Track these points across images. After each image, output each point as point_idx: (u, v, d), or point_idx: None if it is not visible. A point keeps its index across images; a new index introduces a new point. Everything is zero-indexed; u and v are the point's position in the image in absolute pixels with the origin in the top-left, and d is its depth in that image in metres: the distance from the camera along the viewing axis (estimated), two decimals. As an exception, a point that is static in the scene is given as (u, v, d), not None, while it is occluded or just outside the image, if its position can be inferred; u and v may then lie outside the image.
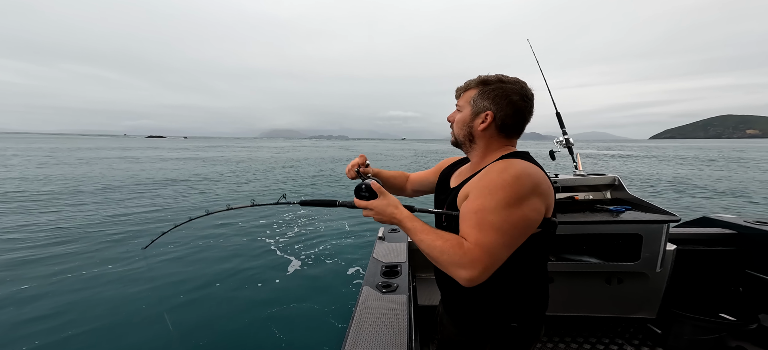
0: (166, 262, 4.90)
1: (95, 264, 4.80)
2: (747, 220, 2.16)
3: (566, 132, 2.49)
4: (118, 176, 14.39)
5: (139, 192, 10.61)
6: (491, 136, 0.99)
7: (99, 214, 7.66)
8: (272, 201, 1.17)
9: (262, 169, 20.15)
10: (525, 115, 0.97)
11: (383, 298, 1.37)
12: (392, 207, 0.96)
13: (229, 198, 10.78)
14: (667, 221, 1.81)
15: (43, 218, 7.23)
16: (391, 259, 1.77)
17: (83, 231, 6.38)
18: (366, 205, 0.98)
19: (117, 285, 4.20)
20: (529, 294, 1.01)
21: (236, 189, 12.32)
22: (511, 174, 0.85)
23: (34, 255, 5.11)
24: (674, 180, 12.64)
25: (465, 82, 1.03)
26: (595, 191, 2.29)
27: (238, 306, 3.84)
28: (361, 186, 1.00)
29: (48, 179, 12.99)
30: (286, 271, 4.76)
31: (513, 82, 0.96)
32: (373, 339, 1.11)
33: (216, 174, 16.56)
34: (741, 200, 9.49)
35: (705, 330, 1.87)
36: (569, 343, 2.12)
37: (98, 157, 25.65)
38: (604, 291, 2.04)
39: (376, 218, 0.98)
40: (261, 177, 15.88)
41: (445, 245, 0.84)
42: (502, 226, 0.82)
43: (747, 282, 2.03)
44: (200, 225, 6.57)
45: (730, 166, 21.17)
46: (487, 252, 0.81)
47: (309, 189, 12.90)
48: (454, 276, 0.83)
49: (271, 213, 8.09)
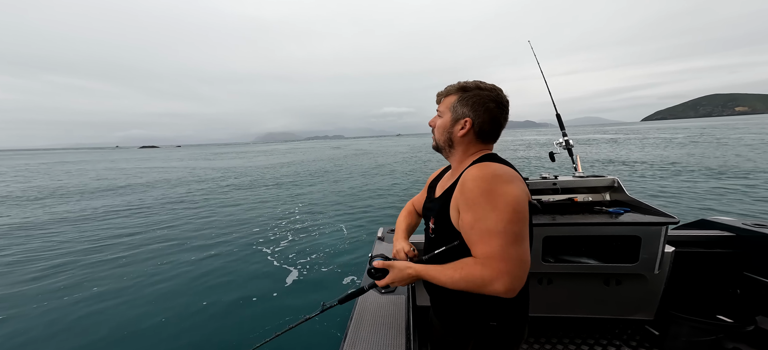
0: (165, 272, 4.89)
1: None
2: (745, 223, 2.17)
3: (566, 133, 2.49)
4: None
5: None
6: (469, 142, 1.04)
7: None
8: (317, 310, 1.21)
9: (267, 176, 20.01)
10: (500, 121, 1.02)
11: (382, 299, 1.38)
12: (406, 270, 1.04)
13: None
14: (666, 223, 1.82)
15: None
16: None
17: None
18: (387, 282, 1.06)
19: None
20: None
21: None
22: (486, 179, 0.89)
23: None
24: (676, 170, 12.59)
25: (445, 88, 1.07)
26: (595, 193, 2.29)
27: (237, 306, 3.85)
28: (371, 271, 1.09)
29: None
30: (286, 272, 4.76)
31: (490, 89, 1.00)
32: (371, 340, 1.12)
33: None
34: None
35: (702, 332, 1.88)
36: (567, 344, 2.13)
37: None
38: (602, 292, 2.05)
39: (400, 285, 1.07)
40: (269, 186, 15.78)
41: (462, 273, 0.90)
42: (499, 228, 0.85)
43: (745, 285, 2.03)
44: (193, 230, 6.58)
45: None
46: (501, 259, 0.84)
47: (335, 187, 12.91)
48: (495, 295, 0.87)
49: (269, 215, 8.08)
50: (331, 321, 3.52)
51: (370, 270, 1.10)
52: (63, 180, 18.66)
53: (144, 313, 3.75)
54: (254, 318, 3.66)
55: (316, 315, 1.21)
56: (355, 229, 6.94)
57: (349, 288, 3.98)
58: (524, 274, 0.86)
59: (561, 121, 2.58)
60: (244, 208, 9.43)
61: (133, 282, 4.54)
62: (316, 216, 8.06)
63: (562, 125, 2.58)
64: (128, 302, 4.00)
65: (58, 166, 32.16)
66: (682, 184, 9.82)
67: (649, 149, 21.52)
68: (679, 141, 28.20)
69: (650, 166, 14.02)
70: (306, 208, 9.13)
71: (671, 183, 10.20)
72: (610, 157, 18.66)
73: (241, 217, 8.28)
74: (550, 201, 2.16)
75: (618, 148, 24.48)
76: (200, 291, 4.26)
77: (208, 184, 15.19)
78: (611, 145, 28.29)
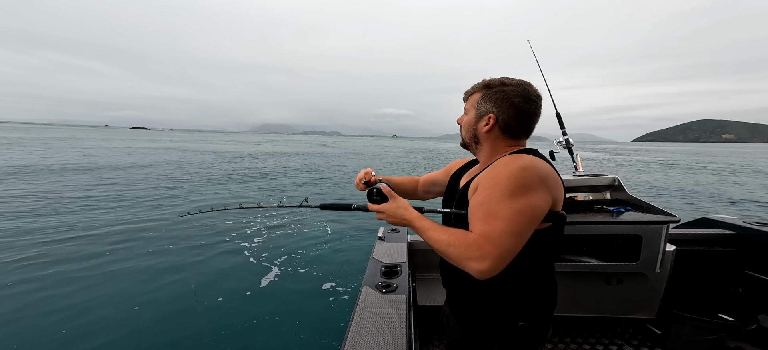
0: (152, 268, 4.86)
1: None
2: (747, 221, 2.16)
3: (566, 132, 2.49)
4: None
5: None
6: (496, 138, 1.01)
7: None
8: (296, 203, 1.24)
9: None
10: (529, 116, 0.98)
11: (383, 298, 1.37)
12: (402, 209, 1.00)
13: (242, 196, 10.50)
14: (667, 222, 1.82)
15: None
16: (390, 260, 1.77)
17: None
18: (378, 208, 1.04)
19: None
20: (538, 292, 1.00)
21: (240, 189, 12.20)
22: (517, 165, 0.87)
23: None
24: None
25: (471, 86, 1.06)
26: (595, 192, 2.29)
27: (236, 306, 3.84)
28: (372, 191, 1.06)
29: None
30: (285, 272, 4.76)
31: (515, 85, 0.98)
32: (372, 340, 1.11)
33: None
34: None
35: (704, 331, 1.88)
36: (569, 343, 2.12)
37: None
38: (603, 291, 2.05)
39: (388, 220, 1.02)
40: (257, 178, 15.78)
41: (452, 238, 0.87)
42: (507, 215, 0.83)
43: (746, 283, 2.03)
44: (188, 232, 6.57)
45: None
46: (493, 243, 0.82)
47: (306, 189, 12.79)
48: (466, 270, 0.84)
49: (265, 213, 8.09)
50: (332, 321, 3.52)
51: (371, 190, 1.06)
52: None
53: (94, 313, 3.48)
54: (255, 303, 3.68)
55: (294, 207, 1.22)
56: (357, 227, 6.88)
57: (330, 295, 3.99)
58: (503, 266, 0.83)
59: (561, 120, 2.58)
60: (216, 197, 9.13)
61: (80, 278, 4.22)
62: (298, 213, 7.89)
63: (562, 124, 2.58)
64: (73, 294, 3.77)
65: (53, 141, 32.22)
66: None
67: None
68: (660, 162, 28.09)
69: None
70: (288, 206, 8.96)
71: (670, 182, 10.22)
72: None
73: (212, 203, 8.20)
74: None
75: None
76: (155, 288, 4.01)
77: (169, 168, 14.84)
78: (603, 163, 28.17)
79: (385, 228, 2.33)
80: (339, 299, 3.94)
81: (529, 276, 0.98)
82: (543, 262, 0.99)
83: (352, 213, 1.57)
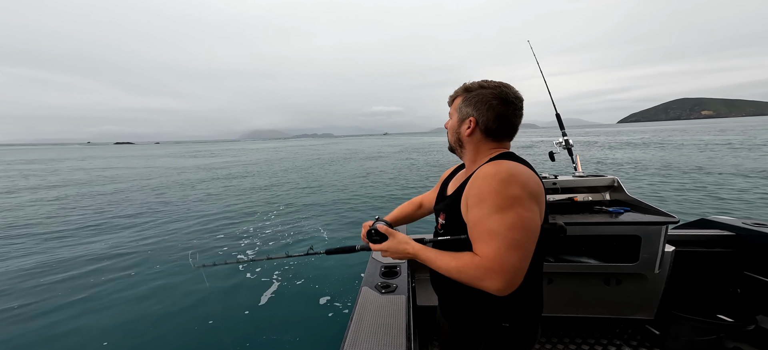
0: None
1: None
2: (745, 222, 2.17)
3: (566, 133, 2.49)
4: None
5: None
6: (478, 141, 1.04)
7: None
8: (302, 252, 1.31)
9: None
10: (508, 118, 1.00)
11: (382, 299, 1.38)
12: (403, 244, 1.03)
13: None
14: (666, 222, 1.82)
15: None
16: (390, 260, 1.77)
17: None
18: (380, 248, 1.07)
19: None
20: (520, 295, 1.00)
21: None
22: (497, 179, 0.88)
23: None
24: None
25: (455, 90, 1.09)
26: (595, 192, 2.30)
27: (237, 306, 3.84)
28: (371, 232, 1.09)
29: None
30: (284, 272, 4.76)
31: (493, 87, 1.00)
32: (372, 340, 1.11)
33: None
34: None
35: (703, 331, 1.88)
36: (568, 344, 2.13)
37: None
38: (602, 292, 2.05)
39: (393, 256, 1.07)
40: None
41: (460, 264, 0.89)
42: (500, 231, 0.84)
43: (745, 284, 2.03)
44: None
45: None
46: (497, 261, 0.83)
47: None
48: (486, 291, 0.86)
49: (262, 215, 8.06)
50: (331, 321, 3.53)
51: (370, 231, 1.09)
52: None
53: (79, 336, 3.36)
54: (254, 304, 3.60)
55: (300, 255, 1.29)
56: (356, 227, 6.87)
57: (329, 295, 3.94)
58: (517, 280, 0.84)
59: (561, 121, 2.58)
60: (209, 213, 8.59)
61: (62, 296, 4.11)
62: (298, 214, 7.80)
63: (562, 125, 2.58)
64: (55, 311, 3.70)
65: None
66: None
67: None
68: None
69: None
70: (283, 212, 8.57)
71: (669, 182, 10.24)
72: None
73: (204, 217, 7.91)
74: (550, 201, 2.16)
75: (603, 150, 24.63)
76: (148, 309, 3.81)
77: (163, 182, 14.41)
78: (591, 147, 28.47)
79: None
80: (338, 299, 3.95)
81: None
82: (529, 267, 1.00)
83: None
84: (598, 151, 23.39)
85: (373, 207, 9.15)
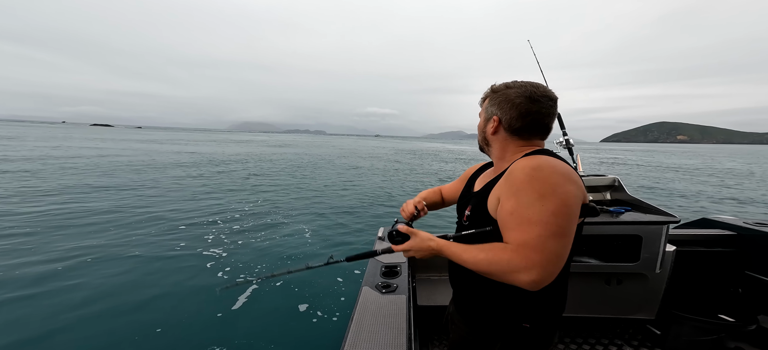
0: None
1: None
2: (746, 222, 2.16)
3: (566, 133, 2.49)
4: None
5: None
6: (504, 139, 1.03)
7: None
8: (322, 262, 1.22)
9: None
10: (534, 115, 0.98)
11: (383, 298, 1.37)
12: (427, 241, 1.01)
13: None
14: (667, 222, 1.82)
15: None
16: (390, 260, 1.77)
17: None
18: (402, 248, 1.05)
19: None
20: (544, 294, 0.96)
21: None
22: (533, 167, 0.86)
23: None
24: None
25: (484, 92, 1.10)
26: (595, 192, 2.29)
27: (236, 306, 3.84)
28: (392, 233, 1.08)
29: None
30: (283, 272, 4.74)
31: (518, 87, 1.00)
32: (372, 340, 1.11)
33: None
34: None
35: (704, 331, 1.88)
36: (569, 344, 2.12)
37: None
38: (603, 291, 2.05)
39: (417, 255, 1.02)
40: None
41: (491, 255, 0.85)
42: (542, 218, 0.80)
43: (746, 284, 2.03)
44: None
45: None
46: (536, 249, 0.79)
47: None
48: (516, 284, 0.82)
49: (258, 217, 8.04)
50: (331, 320, 3.52)
51: (391, 232, 1.08)
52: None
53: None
54: (253, 304, 3.55)
55: (320, 266, 1.22)
56: (357, 227, 6.84)
57: (329, 295, 3.91)
58: (556, 271, 0.80)
59: (561, 120, 2.57)
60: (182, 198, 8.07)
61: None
62: (296, 217, 7.51)
63: (563, 124, 2.58)
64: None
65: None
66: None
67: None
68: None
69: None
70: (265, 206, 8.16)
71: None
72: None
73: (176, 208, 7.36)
74: None
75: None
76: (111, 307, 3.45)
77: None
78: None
79: (385, 229, 2.33)
80: (338, 299, 3.95)
81: None
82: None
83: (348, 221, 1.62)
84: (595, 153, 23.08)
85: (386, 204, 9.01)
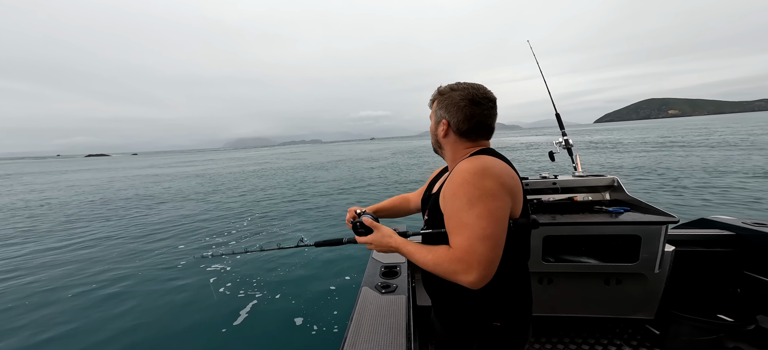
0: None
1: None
2: (745, 222, 2.17)
3: (566, 133, 2.49)
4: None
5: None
6: (454, 141, 1.07)
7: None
8: (293, 244, 1.37)
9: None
10: (478, 118, 1.02)
11: (382, 299, 1.38)
12: (387, 237, 1.06)
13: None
14: (666, 222, 1.82)
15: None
16: (390, 260, 1.77)
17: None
18: (365, 241, 1.10)
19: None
20: (509, 294, 1.04)
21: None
22: (471, 172, 0.91)
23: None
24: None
25: (432, 94, 1.13)
26: (594, 192, 2.29)
27: (235, 307, 3.84)
28: (356, 225, 1.14)
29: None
30: (282, 271, 4.75)
31: (462, 89, 1.02)
32: (372, 340, 1.11)
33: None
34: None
35: (703, 331, 1.88)
36: (568, 344, 2.13)
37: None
38: (602, 292, 2.05)
39: (377, 249, 1.08)
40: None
41: (436, 257, 0.92)
42: (470, 221, 0.86)
43: (745, 284, 2.03)
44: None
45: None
46: (468, 251, 0.85)
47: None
48: (461, 284, 0.88)
49: (258, 218, 8.05)
50: (331, 321, 3.52)
51: (355, 224, 1.13)
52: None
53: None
54: (252, 303, 3.55)
55: (291, 248, 1.35)
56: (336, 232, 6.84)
57: (330, 295, 3.93)
58: (489, 272, 0.86)
59: (560, 121, 2.58)
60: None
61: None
62: (308, 215, 7.72)
63: (562, 125, 2.58)
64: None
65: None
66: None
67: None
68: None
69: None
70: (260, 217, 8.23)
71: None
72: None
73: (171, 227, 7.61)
74: (550, 200, 2.16)
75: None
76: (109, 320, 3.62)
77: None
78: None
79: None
80: (338, 299, 3.95)
81: (501, 279, 0.98)
82: (512, 265, 1.02)
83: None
84: (595, 150, 23.37)
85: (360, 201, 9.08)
